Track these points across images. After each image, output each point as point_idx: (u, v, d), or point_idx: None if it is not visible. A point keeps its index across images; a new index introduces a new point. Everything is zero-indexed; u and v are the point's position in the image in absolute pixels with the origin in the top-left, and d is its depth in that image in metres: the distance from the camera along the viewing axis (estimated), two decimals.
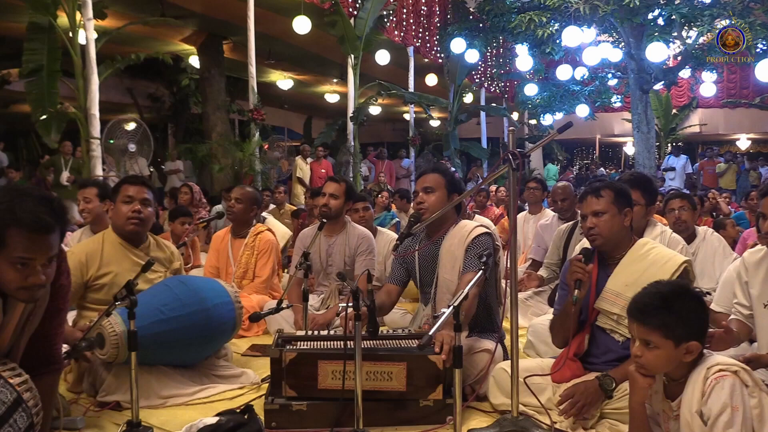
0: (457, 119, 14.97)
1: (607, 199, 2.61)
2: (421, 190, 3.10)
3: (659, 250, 2.62)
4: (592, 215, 2.62)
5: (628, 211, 2.63)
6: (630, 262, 2.59)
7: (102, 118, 7.53)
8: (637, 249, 2.62)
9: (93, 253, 3.10)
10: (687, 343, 1.89)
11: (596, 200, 2.62)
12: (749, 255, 2.63)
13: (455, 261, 3.01)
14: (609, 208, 2.60)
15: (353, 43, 11.12)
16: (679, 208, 4.09)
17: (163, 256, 3.29)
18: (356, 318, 2.28)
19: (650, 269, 2.52)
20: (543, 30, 11.13)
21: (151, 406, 2.76)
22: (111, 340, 2.65)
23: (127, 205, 3.10)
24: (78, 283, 3.03)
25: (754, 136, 21.80)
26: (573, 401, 2.32)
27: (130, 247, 3.16)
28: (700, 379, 1.87)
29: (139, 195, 3.11)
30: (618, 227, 2.61)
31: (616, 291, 2.55)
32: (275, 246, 4.53)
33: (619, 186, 2.72)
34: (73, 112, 7.47)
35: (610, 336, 2.59)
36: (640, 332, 1.94)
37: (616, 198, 2.62)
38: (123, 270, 3.07)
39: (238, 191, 4.50)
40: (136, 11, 9.76)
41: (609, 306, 2.56)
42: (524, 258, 5.36)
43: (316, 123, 19.12)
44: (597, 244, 2.65)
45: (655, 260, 2.55)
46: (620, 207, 2.62)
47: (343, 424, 2.48)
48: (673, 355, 1.90)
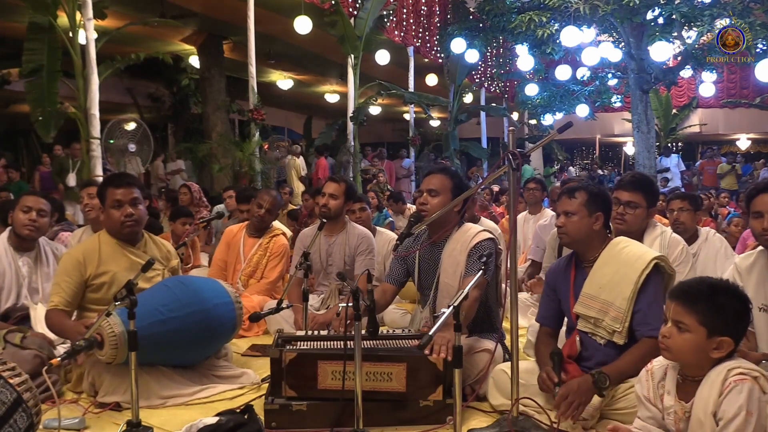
0: (457, 119, 14.96)
1: (579, 200, 2.64)
2: (426, 192, 3.06)
3: (631, 248, 2.61)
4: (563, 214, 2.67)
5: (599, 215, 2.63)
6: (603, 264, 2.60)
7: (102, 118, 7.53)
8: (610, 249, 2.62)
9: (90, 253, 3.10)
10: (720, 338, 1.86)
11: (569, 201, 2.66)
12: (741, 260, 2.65)
13: (457, 266, 2.99)
14: (579, 210, 2.63)
15: (353, 43, 11.12)
16: (679, 209, 4.08)
17: (160, 254, 3.29)
18: (356, 318, 2.28)
19: (621, 269, 2.53)
20: (543, 30, 11.11)
21: (151, 406, 2.75)
22: (110, 341, 2.65)
23: (118, 210, 3.09)
24: (79, 282, 3.05)
25: (754, 136, 21.79)
26: (568, 402, 2.31)
27: (126, 246, 3.16)
28: (719, 379, 1.84)
29: (128, 197, 3.10)
30: (586, 229, 2.62)
31: (591, 294, 2.57)
32: (288, 251, 4.55)
33: (595, 190, 2.71)
34: (73, 112, 7.47)
35: (592, 339, 2.59)
36: (676, 312, 1.91)
37: (588, 201, 2.63)
38: (121, 269, 3.08)
39: (267, 200, 4.42)
40: (136, 11, 9.76)
41: (586, 310, 2.57)
42: (524, 258, 5.36)
43: (316, 123, 19.11)
44: (564, 242, 2.74)
45: (626, 260, 2.55)
46: (591, 210, 2.62)
47: (343, 424, 2.47)
48: (702, 344, 1.87)
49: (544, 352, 2.63)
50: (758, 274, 2.53)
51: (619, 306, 2.49)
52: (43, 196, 3.61)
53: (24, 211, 3.48)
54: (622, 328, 2.48)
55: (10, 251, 3.51)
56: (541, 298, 2.90)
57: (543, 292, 2.88)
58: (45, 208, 3.54)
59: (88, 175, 7.37)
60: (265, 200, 4.43)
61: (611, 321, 2.51)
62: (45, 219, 3.56)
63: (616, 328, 2.49)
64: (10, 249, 3.52)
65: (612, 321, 2.50)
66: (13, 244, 3.53)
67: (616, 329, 2.49)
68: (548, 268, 2.98)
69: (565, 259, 2.81)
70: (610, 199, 2.76)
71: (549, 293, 2.79)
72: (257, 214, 4.42)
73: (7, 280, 3.46)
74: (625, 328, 2.48)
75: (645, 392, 2.09)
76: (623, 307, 2.48)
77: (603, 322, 2.53)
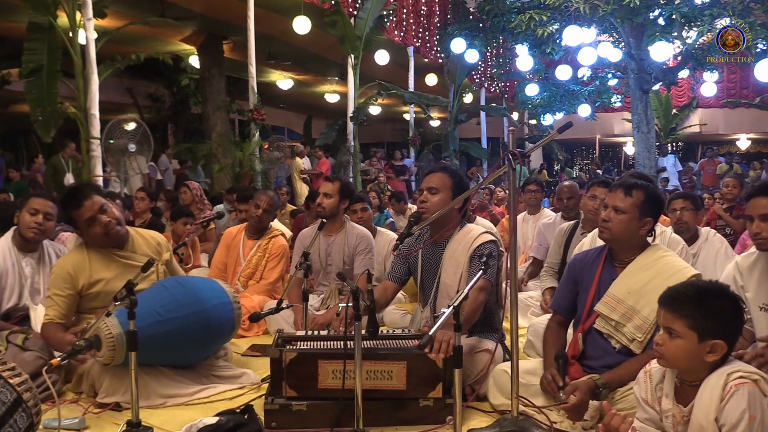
0: (457, 119, 14.97)
1: (634, 200, 2.50)
2: (426, 190, 3.05)
3: (669, 259, 2.52)
4: (612, 209, 2.53)
5: (649, 221, 2.51)
6: (637, 269, 2.51)
7: (102, 118, 7.53)
8: (648, 255, 2.53)
9: (79, 264, 3.07)
10: (712, 341, 1.84)
11: (623, 196, 2.52)
12: (742, 259, 2.63)
13: (458, 267, 2.98)
14: (631, 210, 2.50)
15: (353, 43, 11.13)
16: (681, 208, 4.07)
17: (150, 248, 3.25)
18: (356, 318, 2.28)
19: (656, 279, 2.43)
20: (543, 29, 11.12)
21: (151, 406, 2.76)
22: (107, 343, 2.65)
23: (93, 225, 3.04)
24: (71, 295, 3.03)
25: (754, 136, 21.80)
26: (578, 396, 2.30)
27: (114, 250, 3.13)
28: (719, 384, 1.82)
29: (95, 207, 3.03)
30: (631, 231, 2.51)
31: (618, 297, 2.49)
32: (287, 251, 4.55)
33: (655, 192, 2.57)
34: (73, 112, 7.48)
35: (608, 341, 2.53)
36: (666, 319, 1.90)
37: (644, 203, 2.50)
38: (114, 275, 3.06)
39: (265, 200, 4.43)
40: (136, 11, 9.75)
41: (609, 311, 2.50)
42: (524, 258, 5.37)
43: (316, 123, 19.12)
44: (603, 237, 2.59)
45: (662, 270, 2.46)
46: (643, 213, 2.50)
47: (343, 424, 2.47)
48: (695, 349, 1.86)
49: (551, 345, 2.59)
50: (759, 273, 2.52)
51: (646, 316, 2.42)
52: (50, 199, 3.60)
53: (31, 214, 3.46)
54: (644, 338, 2.42)
55: (13, 251, 3.51)
56: (560, 285, 2.81)
57: (562, 280, 2.79)
58: (52, 211, 3.53)
59: (88, 176, 7.37)
60: (263, 200, 4.43)
61: (634, 329, 2.44)
62: (51, 222, 3.55)
63: (637, 337, 2.43)
64: (14, 249, 3.52)
65: (635, 329, 2.44)
66: (17, 244, 3.53)
67: (637, 338, 2.43)
68: (573, 257, 2.88)
69: (596, 251, 2.70)
70: (663, 206, 2.64)
71: (569, 282, 2.70)
72: (255, 214, 4.43)
73: (9, 280, 3.46)
74: (647, 339, 2.42)
75: (643, 394, 2.08)
76: (650, 319, 2.40)
77: (624, 328, 2.46)
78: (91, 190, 3.14)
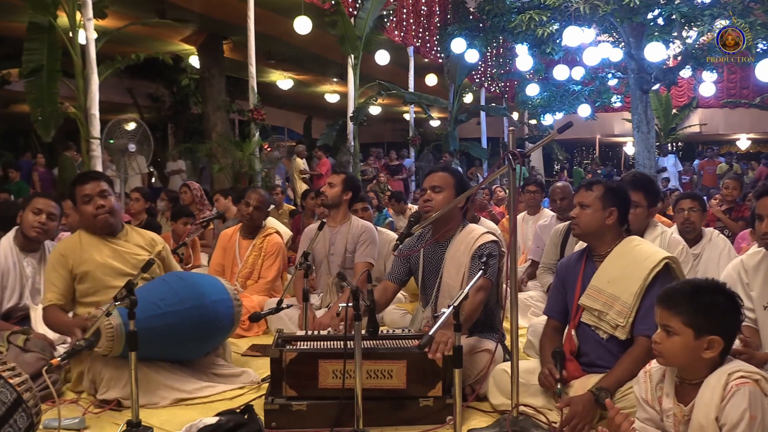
0: (457, 119, 14.97)
1: (595, 194, 2.67)
2: (429, 188, 3.08)
3: (643, 246, 2.63)
4: (579, 206, 2.70)
5: (613, 211, 2.65)
6: (615, 258, 2.62)
7: (102, 118, 7.52)
8: (623, 245, 2.64)
9: (71, 247, 3.12)
10: (708, 337, 1.85)
11: (585, 193, 2.69)
12: (748, 258, 2.63)
13: (460, 267, 2.99)
14: (593, 203, 2.65)
15: (353, 43, 11.13)
16: (689, 209, 4.06)
17: (144, 242, 3.28)
18: (356, 318, 2.28)
19: (631, 265, 2.55)
20: (543, 29, 11.12)
21: (151, 404, 2.76)
22: (107, 333, 2.66)
23: (88, 205, 3.11)
24: (66, 276, 3.07)
25: (754, 136, 21.80)
26: (573, 425, 2.32)
27: (107, 237, 3.18)
28: (720, 384, 1.83)
29: (96, 190, 3.12)
30: (598, 223, 2.65)
31: (599, 288, 2.59)
32: (282, 249, 4.56)
33: (613, 185, 2.74)
34: (73, 112, 7.47)
35: (595, 333, 2.60)
36: (662, 317, 1.92)
37: (604, 195, 2.66)
38: (103, 256, 3.10)
39: (255, 198, 4.45)
40: (136, 11, 9.75)
41: (591, 302, 2.59)
42: (524, 258, 5.37)
43: (316, 123, 19.11)
44: (576, 234, 2.76)
45: (637, 257, 2.57)
46: (605, 204, 2.65)
47: (343, 423, 2.47)
48: (691, 345, 1.87)
49: (548, 348, 2.66)
50: (765, 272, 2.52)
51: (625, 301, 2.51)
52: (54, 199, 3.62)
53: (34, 213, 3.49)
54: (626, 323, 2.50)
55: (15, 251, 3.52)
56: (551, 290, 2.93)
57: (552, 285, 2.90)
58: (55, 211, 3.56)
59: None
60: (253, 198, 4.45)
61: (615, 315, 2.52)
62: (54, 222, 3.57)
63: (619, 323, 2.51)
64: (16, 248, 3.52)
65: (616, 315, 2.52)
66: (19, 243, 3.53)
67: (620, 323, 2.51)
68: (559, 263, 2.98)
69: (578, 253, 2.83)
70: (628, 197, 2.76)
71: (558, 286, 2.81)
72: (246, 212, 4.46)
73: (10, 279, 3.46)
74: (629, 323, 2.50)
75: (643, 394, 2.08)
76: (629, 303, 2.50)
77: (607, 316, 2.54)
78: (102, 178, 3.24)
